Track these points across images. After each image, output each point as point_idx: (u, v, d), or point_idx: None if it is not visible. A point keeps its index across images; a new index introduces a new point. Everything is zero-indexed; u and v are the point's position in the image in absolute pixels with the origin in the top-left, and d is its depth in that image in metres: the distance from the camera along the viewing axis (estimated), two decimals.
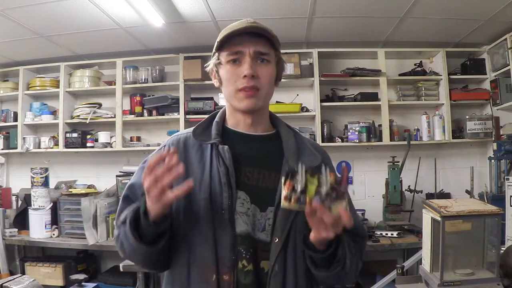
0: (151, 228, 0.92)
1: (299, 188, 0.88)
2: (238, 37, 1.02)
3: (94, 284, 2.81)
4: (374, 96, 3.50)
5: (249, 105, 1.04)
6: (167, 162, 0.85)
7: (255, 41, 1.03)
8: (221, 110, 1.16)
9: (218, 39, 1.04)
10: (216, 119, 1.12)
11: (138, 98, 3.67)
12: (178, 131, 3.77)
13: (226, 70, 1.05)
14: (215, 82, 1.12)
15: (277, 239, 0.99)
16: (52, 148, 3.71)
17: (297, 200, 0.88)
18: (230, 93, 1.06)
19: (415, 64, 3.63)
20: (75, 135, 3.62)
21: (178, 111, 3.54)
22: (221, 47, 1.05)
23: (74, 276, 2.66)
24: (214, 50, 1.08)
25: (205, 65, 1.15)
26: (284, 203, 0.89)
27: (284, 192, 0.89)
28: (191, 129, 1.11)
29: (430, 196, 3.45)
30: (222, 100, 3.54)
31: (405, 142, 3.38)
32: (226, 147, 1.04)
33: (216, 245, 0.99)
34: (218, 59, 1.07)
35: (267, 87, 1.06)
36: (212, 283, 0.97)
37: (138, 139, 3.78)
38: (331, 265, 0.97)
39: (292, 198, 0.88)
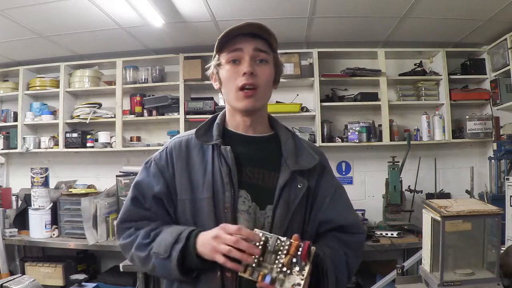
0: (200, 265, 0.97)
1: (255, 261, 0.89)
2: (237, 38, 1.06)
3: (94, 284, 2.81)
4: (374, 96, 3.50)
5: (248, 105, 1.07)
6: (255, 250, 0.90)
7: (253, 41, 1.06)
8: (221, 112, 1.19)
9: (218, 40, 1.07)
10: (217, 121, 1.15)
11: (138, 98, 3.67)
12: (178, 131, 3.78)
13: (226, 70, 1.08)
14: (215, 85, 1.16)
15: None
16: (52, 148, 3.71)
17: (251, 273, 0.89)
18: (230, 92, 1.09)
19: (415, 64, 3.63)
20: (75, 135, 3.62)
21: (178, 111, 3.54)
22: (221, 48, 1.08)
23: (74, 276, 2.65)
24: (214, 52, 1.11)
25: (206, 66, 1.18)
26: (241, 273, 0.90)
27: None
28: (193, 131, 1.15)
29: (430, 196, 3.44)
30: (222, 100, 3.54)
31: (405, 142, 3.37)
32: (228, 147, 1.06)
33: None
34: (219, 60, 1.10)
35: (265, 86, 1.09)
36: (216, 280, 1.00)
37: (138, 139, 3.78)
38: None
39: (248, 270, 0.89)
